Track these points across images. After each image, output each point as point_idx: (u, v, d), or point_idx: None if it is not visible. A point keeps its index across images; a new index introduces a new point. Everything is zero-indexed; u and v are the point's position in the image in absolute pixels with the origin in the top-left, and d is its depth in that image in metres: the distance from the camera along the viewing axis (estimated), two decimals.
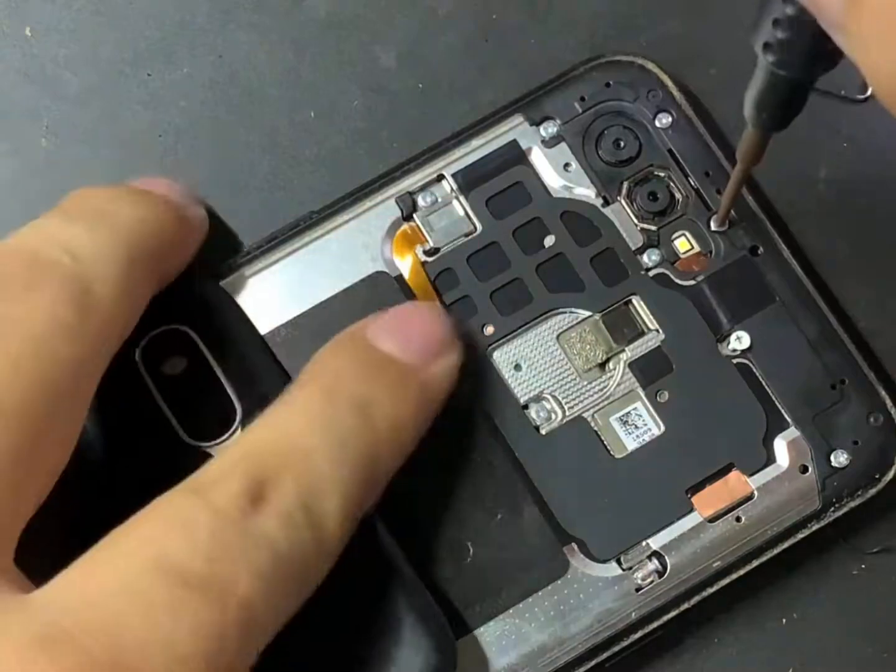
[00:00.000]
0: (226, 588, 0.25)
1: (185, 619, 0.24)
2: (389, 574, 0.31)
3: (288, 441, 0.28)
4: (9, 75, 0.36)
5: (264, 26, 0.37)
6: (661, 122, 0.34)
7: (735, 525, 0.33)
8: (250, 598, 0.25)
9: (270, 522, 0.26)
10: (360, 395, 0.29)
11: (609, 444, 0.33)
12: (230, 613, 0.25)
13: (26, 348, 0.27)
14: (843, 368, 0.33)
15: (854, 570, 0.34)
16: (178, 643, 0.24)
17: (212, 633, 0.25)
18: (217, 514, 0.26)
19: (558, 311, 0.34)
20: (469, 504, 0.33)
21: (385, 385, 0.30)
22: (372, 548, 0.31)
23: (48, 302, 0.27)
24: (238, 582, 0.25)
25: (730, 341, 0.34)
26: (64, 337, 0.27)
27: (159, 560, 0.25)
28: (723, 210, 0.33)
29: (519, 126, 0.34)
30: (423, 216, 0.34)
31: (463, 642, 0.32)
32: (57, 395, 0.27)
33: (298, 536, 0.27)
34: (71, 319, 0.27)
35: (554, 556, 0.32)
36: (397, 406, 0.30)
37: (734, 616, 0.34)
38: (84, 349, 0.28)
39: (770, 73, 0.26)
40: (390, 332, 0.31)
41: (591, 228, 0.34)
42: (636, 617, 0.32)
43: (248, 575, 0.26)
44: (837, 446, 0.33)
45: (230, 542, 0.26)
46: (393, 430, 0.30)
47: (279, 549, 0.26)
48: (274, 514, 0.27)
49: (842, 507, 0.33)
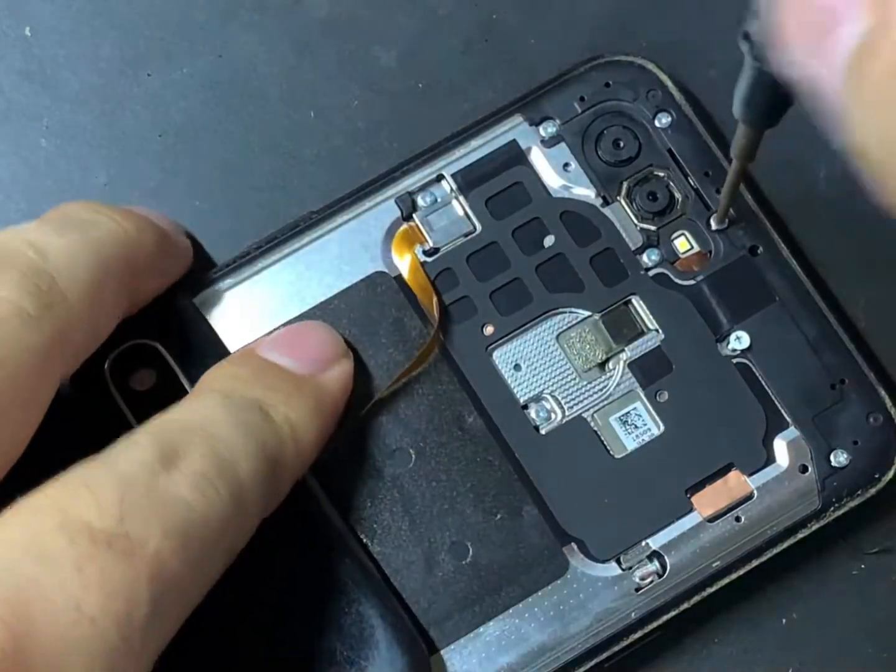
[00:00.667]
0: (135, 546, 0.25)
1: (92, 577, 0.24)
2: (359, 588, 0.31)
3: (196, 420, 0.28)
4: (9, 75, 0.36)
5: (264, 26, 0.37)
6: (661, 122, 0.34)
7: (735, 525, 0.33)
8: (162, 557, 0.25)
9: (182, 483, 0.26)
10: (257, 398, 0.30)
11: (609, 443, 0.33)
12: (140, 571, 0.24)
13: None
14: (843, 368, 0.33)
15: (854, 570, 0.34)
16: (85, 602, 0.24)
17: (120, 591, 0.24)
18: (125, 477, 0.26)
19: (558, 310, 0.34)
20: (469, 504, 0.33)
21: (280, 391, 0.30)
22: (339, 561, 0.31)
23: (7, 288, 0.27)
24: (148, 540, 0.25)
25: (729, 341, 0.34)
26: (22, 324, 0.27)
27: (66, 520, 0.24)
28: (722, 208, 0.33)
29: (518, 126, 0.34)
30: (422, 216, 0.34)
31: (462, 642, 0.32)
32: (10, 379, 0.27)
33: (212, 496, 0.27)
34: (31, 309, 0.27)
35: (553, 556, 0.32)
36: (294, 410, 0.30)
37: (734, 616, 0.34)
38: (42, 340, 0.27)
39: (754, 67, 0.26)
40: (281, 346, 0.32)
41: (591, 228, 0.34)
42: (636, 617, 0.32)
43: (159, 533, 0.25)
44: (837, 446, 0.33)
45: (139, 502, 0.25)
46: (293, 430, 0.30)
47: (192, 508, 0.26)
48: (185, 474, 0.26)
49: (842, 507, 0.33)
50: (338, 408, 0.32)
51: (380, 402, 0.33)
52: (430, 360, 0.33)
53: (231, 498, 0.27)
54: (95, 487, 0.25)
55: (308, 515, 0.32)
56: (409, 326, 0.33)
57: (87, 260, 0.29)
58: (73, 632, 0.23)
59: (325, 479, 0.32)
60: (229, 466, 0.28)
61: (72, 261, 0.29)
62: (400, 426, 0.33)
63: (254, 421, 0.29)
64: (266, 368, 0.31)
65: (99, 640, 0.23)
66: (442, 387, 0.33)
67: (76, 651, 0.23)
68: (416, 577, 0.32)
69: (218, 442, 0.28)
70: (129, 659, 0.24)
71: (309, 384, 0.31)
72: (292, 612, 0.31)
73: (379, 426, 0.33)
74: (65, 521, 0.24)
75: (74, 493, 0.25)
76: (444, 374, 0.33)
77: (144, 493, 0.26)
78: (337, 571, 0.31)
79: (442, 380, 0.33)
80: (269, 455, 0.29)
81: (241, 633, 0.31)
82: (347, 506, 0.32)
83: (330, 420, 0.32)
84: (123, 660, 0.24)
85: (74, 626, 0.23)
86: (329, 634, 0.31)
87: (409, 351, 0.33)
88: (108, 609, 0.24)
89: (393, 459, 0.33)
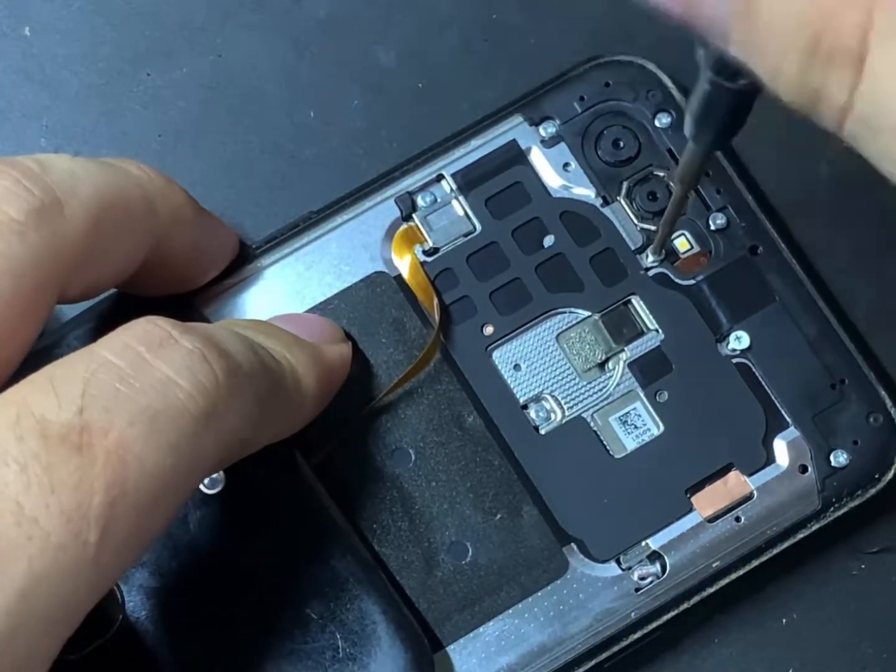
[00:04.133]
0: (93, 437, 0.23)
1: (35, 474, 0.22)
2: (361, 584, 0.31)
3: (196, 327, 0.27)
4: (9, 75, 0.36)
5: (264, 26, 0.37)
6: (661, 122, 0.34)
7: (734, 525, 0.33)
8: (124, 443, 0.23)
9: (167, 362, 0.24)
10: (261, 342, 0.28)
11: (608, 444, 0.33)
12: (96, 461, 0.23)
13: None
14: (843, 368, 0.33)
15: (854, 570, 0.34)
16: (27, 501, 0.22)
17: (67, 485, 0.22)
18: (100, 364, 0.24)
19: (558, 310, 0.34)
20: (468, 504, 0.33)
21: (280, 340, 0.29)
22: (342, 556, 0.31)
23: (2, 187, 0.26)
24: (110, 428, 0.23)
25: (729, 341, 0.34)
26: (10, 230, 0.26)
27: (20, 415, 0.23)
28: (659, 238, 0.33)
29: (518, 126, 0.34)
30: (422, 216, 0.34)
31: (462, 642, 0.32)
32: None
33: (204, 372, 0.25)
34: (15, 214, 0.26)
35: (553, 556, 0.32)
36: (293, 356, 0.29)
37: (734, 616, 0.34)
38: (26, 249, 0.26)
39: (710, 80, 0.25)
40: (281, 321, 0.31)
41: (591, 228, 0.34)
42: (635, 617, 0.32)
43: (123, 420, 0.23)
44: (837, 446, 0.33)
45: (105, 390, 0.23)
46: (292, 368, 0.29)
47: (175, 386, 0.24)
48: (172, 355, 0.25)
49: (841, 508, 0.33)
50: (335, 378, 0.31)
51: (379, 402, 0.33)
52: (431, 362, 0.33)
53: (226, 380, 0.25)
54: (60, 378, 0.24)
55: (309, 511, 0.32)
56: (408, 326, 0.33)
57: (93, 180, 0.28)
58: (13, 532, 0.22)
59: (326, 478, 0.32)
60: (229, 354, 0.26)
61: (74, 177, 0.27)
62: (400, 426, 0.33)
63: (255, 345, 0.28)
64: (268, 325, 0.31)
65: (42, 540, 0.22)
66: (441, 387, 0.33)
67: (18, 552, 0.22)
68: (415, 576, 0.32)
69: (219, 339, 0.26)
70: (83, 554, 0.23)
71: (309, 345, 0.31)
72: (294, 607, 0.31)
73: (379, 426, 0.33)
74: (19, 417, 0.23)
75: (38, 386, 0.24)
76: (443, 373, 0.33)
77: (117, 378, 0.24)
78: (339, 567, 0.31)
79: (442, 380, 0.33)
80: (269, 376, 0.27)
81: (242, 629, 0.31)
82: (347, 505, 0.32)
83: (326, 384, 0.31)
84: (76, 556, 0.23)
85: (15, 527, 0.22)
86: (331, 630, 0.31)
87: (409, 351, 0.33)
88: (53, 507, 0.22)
89: (393, 459, 0.33)
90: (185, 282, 0.32)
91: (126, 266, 0.30)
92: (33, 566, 0.22)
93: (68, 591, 0.23)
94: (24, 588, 0.22)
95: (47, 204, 0.26)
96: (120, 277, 0.30)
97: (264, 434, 0.28)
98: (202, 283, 0.33)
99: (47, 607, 0.22)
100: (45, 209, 0.26)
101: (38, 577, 0.22)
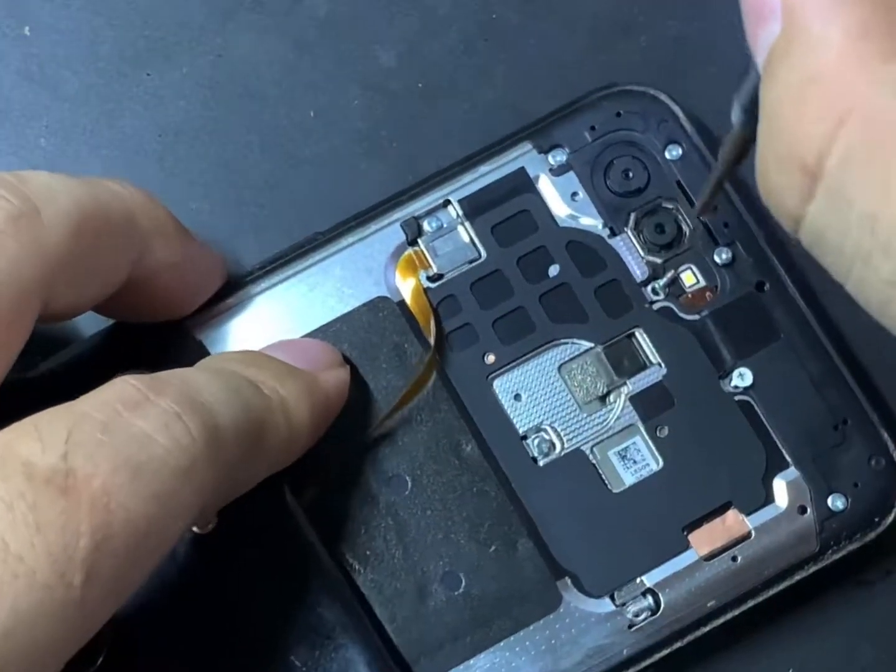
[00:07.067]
0: (78, 481, 0.23)
1: (21, 514, 0.22)
2: (349, 635, 0.31)
3: (176, 374, 0.27)
4: (8, 75, 0.36)
5: (264, 26, 0.37)
6: (671, 154, 0.34)
7: (731, 565, 0.32)
8: (108, 490, 0.23)
9: (145, 420, 0.25)
10: (248, 375, 0.29)
11: (607, 478, 0.33)
12: (81, 504, 0.23)
13: None
14: (846, 409, 0.33)
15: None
16: (12, 540, 0.22)
17: (53, 525, 0.23)
18: (82, 416, 0.24)
19: (560, 341, 0.33)
20: (463, 534, 0.32)
21: (272, 371, 0.29)
22: (333, 606, 0.31)
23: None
24: (94, 475, 0.23)
25: (732, 378, 0.33)
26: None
27: (4, 458, 0.23)
28: (706, 196, 0.31)
29: (527, 153, 0.34)
30: (427, 241, 0.34)
31: None
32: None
33: (179, 431, 0.25)
34: None
35: (547, 589, 0.32)
36: (285, 388, 0.29)
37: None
38: (6, 257, 0.26)
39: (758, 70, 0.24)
40: (276, 349, 0.31)
41: (597, 259, 0.34)
42: (627, 654, 0.32)
43: (108, 468, 0.23)
44: (837, 488, 0.33)
45: (88, 438, 0.24)
46: (283, 403, 0.29)
47: (153, 442, 0.24)
48: (151, 413, 0.25)
49: (840, 550, 0.32)
50: (331, 407, 0.31)
51: (377, 428, 0.33)
52: (428, 387, 0.33)
53: (203, 437, 0.25)
54: (44, 426, 0.24)
55: (298, 554, 0.31)
56: (409, 353, 0.33)
57: (71, 191, 0.28)
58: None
59: (319, 504, 0.32)
60: (206, 410, 0.26)
61: (52, 189, 0.27)
62: (397, 452, 0.33)
63: (241, 385, 0.28)
64: (259, 356, 0.31)
65: (27, 577, 0.22)
66: (441, 414, 0.33)
67: (2, 588, 0.22)
68: (407, 606, 0.32)
69: (196, 390, 0.26)
70: (67, 596, 0.23)
71: (303, 374, 0.30)
72: (279, 652, 0.30)
73: (376, 452, 0.33)
74: (4, 458, 0.23)
75: (23, 432, 0.24)
76: (443, 401, 0.33)
77: (99, 429, 0.24)
78: (325, 614, 0.31)
79: (441, 407, 0.33)
80: (254, 417, 0.28)
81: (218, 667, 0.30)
82: (341, 532, 0.32)
83: (321, 414, 0.31)
84: (62, 598, 0.22)
85: (1, 565, 0.22)
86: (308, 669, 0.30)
87: (410, 376, 0.33)
88: (39, 546, 0.22)
89: (389, 486, 0.33)
90: (173, 306, 0.32)
91: (110, 279, 0.29)
92: (18, 604, 0.22)
93: (52, 633, 0.22)
94: (7, 626, 0.22)
95: (25, 212, 0.26)
96: (105, 291, 0.29)
97: (253, 476, 0.28)
98: (191, 310, 0.33)
99: (30, 648, 0.22)
100: (23, 216, 0.26)
101: (23, 615, 0.22)
